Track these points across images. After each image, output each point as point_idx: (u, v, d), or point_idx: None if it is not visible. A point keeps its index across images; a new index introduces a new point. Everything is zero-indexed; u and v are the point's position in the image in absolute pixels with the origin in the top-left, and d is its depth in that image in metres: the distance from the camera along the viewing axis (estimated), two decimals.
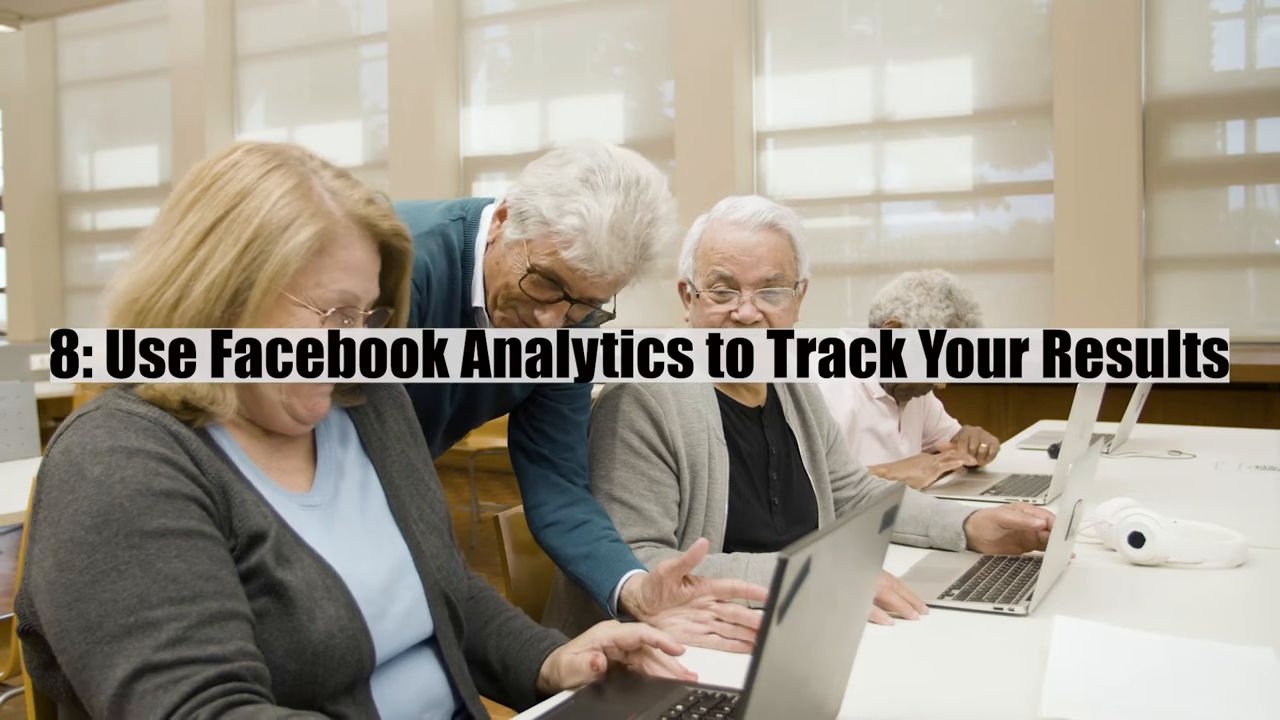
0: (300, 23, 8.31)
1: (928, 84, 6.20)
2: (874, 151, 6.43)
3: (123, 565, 1.06)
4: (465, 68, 7.64)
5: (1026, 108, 5.93)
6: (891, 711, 1.29)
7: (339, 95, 8.19)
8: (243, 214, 1.18)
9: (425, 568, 1.34)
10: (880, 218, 6.45)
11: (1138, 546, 1.89)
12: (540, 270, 1.58)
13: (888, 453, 2.86)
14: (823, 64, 6.48)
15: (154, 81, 8.98)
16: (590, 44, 7.22)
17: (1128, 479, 2.72)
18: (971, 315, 2.83)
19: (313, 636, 1.16)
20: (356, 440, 1.39)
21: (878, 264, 6.36)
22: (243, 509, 1.17)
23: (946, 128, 6.19)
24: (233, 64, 8.63)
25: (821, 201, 6.56)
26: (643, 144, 7.02)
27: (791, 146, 6.65)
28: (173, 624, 1.05)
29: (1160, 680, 1.29)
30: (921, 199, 6.31)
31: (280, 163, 1.23)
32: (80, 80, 9.64)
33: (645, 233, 1.58)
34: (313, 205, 1.21)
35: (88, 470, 1.09)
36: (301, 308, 1.21)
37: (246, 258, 1.18)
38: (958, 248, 6.17)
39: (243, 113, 8.65)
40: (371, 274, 1.28)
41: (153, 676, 1.03)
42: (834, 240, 6.59)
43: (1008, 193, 6.12)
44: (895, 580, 1.66)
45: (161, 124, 8.90)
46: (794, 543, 0.92)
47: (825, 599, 1.04)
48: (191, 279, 1.17)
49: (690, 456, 1.87)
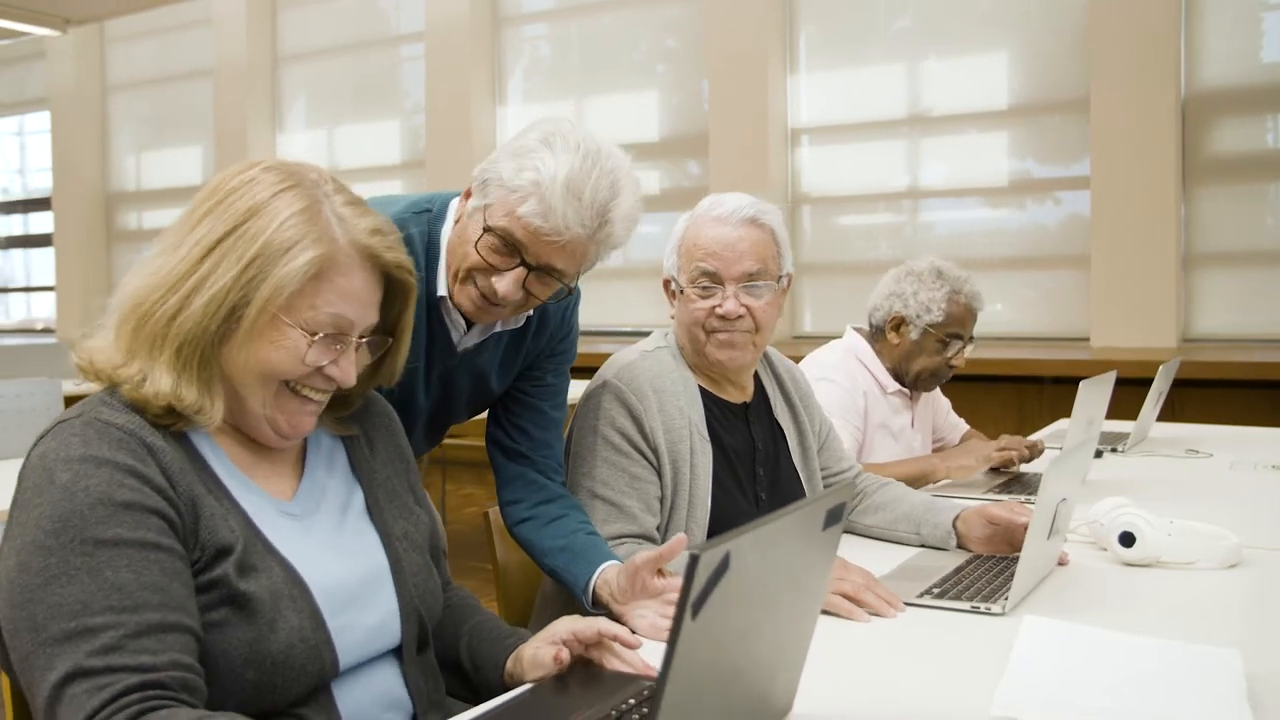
0: (340, 23, 8.40)
1: (963, 79, 6.14)
2: (909, 148, 6.38)
3: (73, 571, 1.10)
4: (502, 66, 7.69)
5: (1063, 102, 5.85)
6: (848, 708, 1.29)
7: (378, 95, 8.27)
8: (249, 231, 1.22)
9: (403, 584, 1.36)
10: (916, 214, 6.40)
11: (1128, 546, 1.87)
12: (497, 231, 1.58)
13: (901, 448, 2.85)
14: (858, 60, 6.44)
15: (198, 83, 9.13)
16: (625, 42, 7.23)
17: (1137, 478, 2.68)
18: (968, 287, 2.83)
19: (272, 646, 1.19)
20: (346, 464, 1.41)
21: None
22: (211, 522, 1.20)
23: (982, 123, 6.12)
24: (274, 65, 8.74)
25: (857, 198, 6.52)
26: (677, 142, 7.02)
27: (826, 143, 6.62)
28: (109, 632, 1.08)
29: (1119, 680, 1.28)
30: (957, 195, 6.25)
31: (294, 184, 1.26)
32: (127, 82, 9.81)
33: (603, 196, 1.57)
34: (318, 230, 1.24)
35: (57, 476, 1.13)
36: (292, 329, 1.24)
37: (246, 276, 1.21)
38: (993, 244, 6.10)
39: (284, 113, 8.77)
40: (369, 302, 1.30)
41: (83, 681, 1.06)
42: (870, 237, 6.56)
43: (1044, 189, 6.05)
44: (871, 578, 1.65)
45: (205, 125, 9.04)
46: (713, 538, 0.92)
47: (755, 595, 1.04)
48: (193, 291, 1.21)
49: (672, 453, 1.87)
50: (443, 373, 1.81)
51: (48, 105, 10.07)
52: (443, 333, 1.76)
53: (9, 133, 11.00)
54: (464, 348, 1.79)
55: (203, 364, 1.22)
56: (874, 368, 2.85)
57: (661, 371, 1.93)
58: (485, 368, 1.84)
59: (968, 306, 2.83)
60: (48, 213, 10.29)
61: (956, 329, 2.81)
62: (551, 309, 1.83)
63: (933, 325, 2.80)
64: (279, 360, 1.24)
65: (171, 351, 1.21)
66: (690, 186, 6.96)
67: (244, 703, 1.18)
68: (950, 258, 5.97)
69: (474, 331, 1.77)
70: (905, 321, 2.82)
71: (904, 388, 2.88)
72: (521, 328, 1.83)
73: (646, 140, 7.12)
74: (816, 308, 6.62)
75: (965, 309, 2.83)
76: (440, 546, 2.18)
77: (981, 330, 2.83)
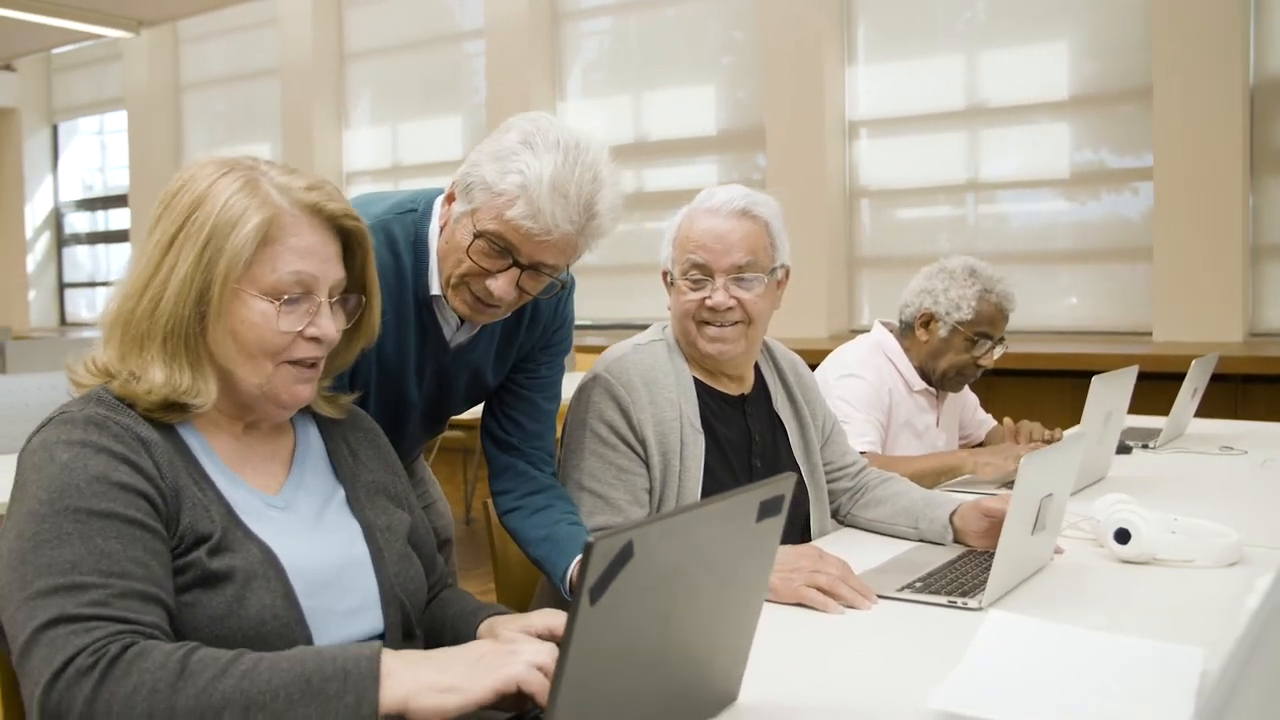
0: (404, 20, 8.51)
1: (1024, 69, 6.02)
2: (969, 139, 6.28)
3: (65, 535, 1.15)
4: (561, 62, 7.73)
5: (1126, 92, 5.71)
6: (795, 698, 1.30)
7: (442, 91, 8.36)
8: (198, 219, 1.28)
9: (384, 571, 1.40)
10: (976, 207, 6.30)
11: (1123, 543, 1.84)
12: (487, 235, 1.60)
13: (923, 446, 2.83)
14: (916, 51, 6.35)
15: (266, 81, 9.32)
16: (682, 36, 7.22)
17: (1161, 475, 2.63)
18: (1000, 287, 2.80)
19: (242, 622, 1.23)
20: (329, 467, 1.46)
21: (974, 254, 6.15)
22: (193, 512, 1.25)
23: (1043, 114, 6.01)
24: (340, 62, 8.89)
25: (915, 191, 6.44)
26: (734, 136, 7.00)
27: (885, 136, 6.54)
28: (97, 589, 1.13)
29: (1071, 676, 1.27)
30: (1017, 188, 6.14)
31: (229, 169, 1.32)
32: (199, 81, 10.05)
33: (588, 191, 1.59)
34: (259, 199, 1.29)
35: (57, 456, 1.20)
36: (257, 299, 1.29)
37: (205, 258, 1.27)
38: (1054, 237, 5.98)
39: (349, 110, 8.91)
40: (327, 256, 1.34)
41: (68, 625, 1.10)
42: (928, 230, 6.47)
43: (1106, 180, 5.91)
44: (847, 570, 1.65)
45: (273, 122, 9.23)
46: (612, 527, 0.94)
47: (671, 583, 1.05)
48: (163, 285, 1.27)
49: (661, 445, 1.88)
50: (436, 369, 1.84)
51: (124, 105, 10.36)
52: (435, 330, 1.79)
53: (90, 132, 11.35)
54: (456, 344, 1.82)
55: (189, 350, 1.28)
56: (901, 365, 2.83)
57: (654, 364, 1.95)
58: (479, 362, 1.87)
59: (999, 306, 2.80)
60: (125, 209, 10.59)
61: (986, 328, 2.78)
62: (544, 302, 1.85)
63: (962, 323, 2.77)
64: (255, 334, 1.29)
65: (158, 345, 1.28)
66: (746, 180, 6.94)
67: None
68: (1011, 250, 5.92)
69: (465, 327, 1.80)
70: (935, 318, 2.80)
71: (930, 386, 2.86)
72: (515, 321, 1.86)
73: (704, 134, 7.12)
74: (875, 302, 6.55)
75: (996, 309, 2.80)
76: (444, 540, 2.23)
77: (1040, 324, 2.79)
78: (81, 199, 11.38)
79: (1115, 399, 2.45)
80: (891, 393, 2.79)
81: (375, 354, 1.75)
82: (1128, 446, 2.94)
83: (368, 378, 1.75)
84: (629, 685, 1.05)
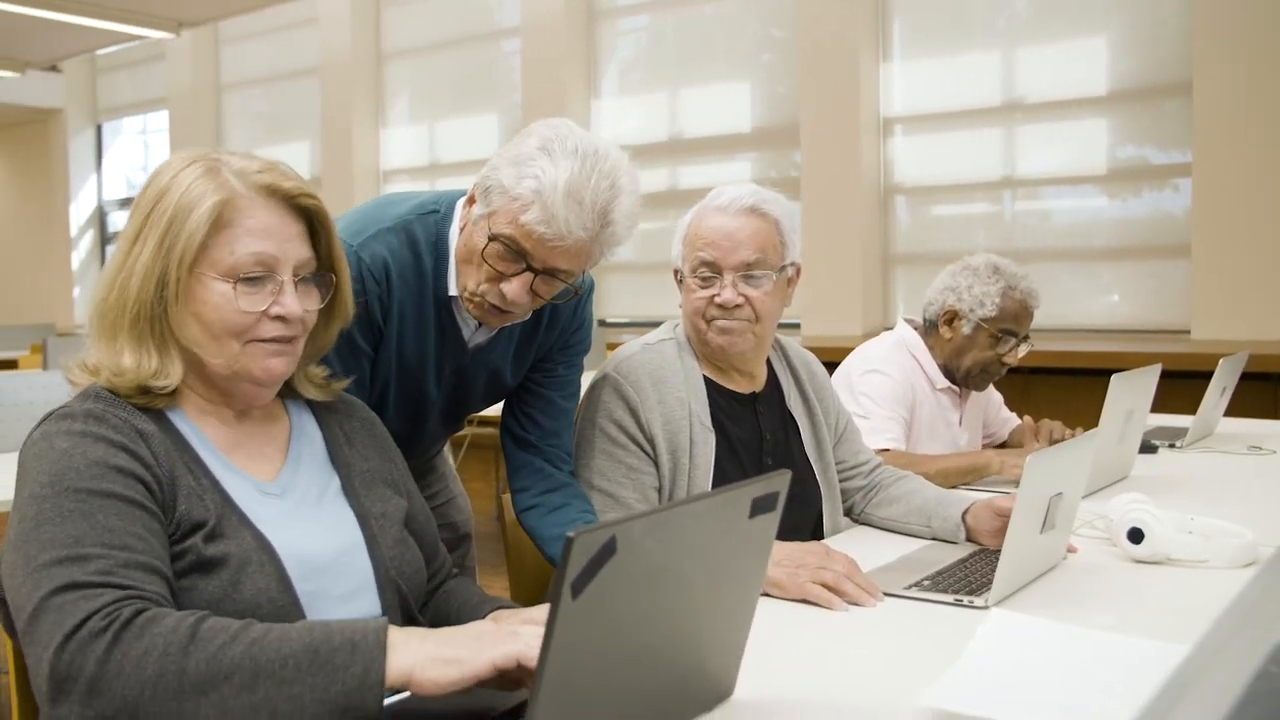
0: (442, 19, 8.57)
1: (1061, 64, 5.96)
2: (1005, 136, 6.23)
3: (66, 513, 1.18)
4: (596, 60, 7.75)
5: (1165, 87, 5.64)
6: (791, 694, 1.30)
7: (479, 89, 8.40)
8: (160, 209, 1.31)
9: (378, 556, 1.42)
10: (1013, 203, 6.25)
11: (1136, 543, 1.82)
12: (502, 239, 1.62)
13: (946, 444, 2.81)
14: (952, 47, 6.31)
15: (305, 81, 9.41)
16: (720, 34, 7.21)
17: (1185, 474, 2.61)
18: (1024, 284, 2.78)
19: (237, 606, 1.25)
20: (325, 456, 1.49)
21: (1011, 251, 6.09)
22: (188, 500, 1.28)
23: (1081, 110, 5.94)
24: (378, 61, 8.96)
25: (952, 188, 6.40)
26: (768, 133, 6.99)
27: (920, 133, 6.50)
28: (102, 560, 1.15)
29: (1069, 675, 1.26)
30: (1054, 184, 6.08)
31: (194, 160, 1.35)
32: (239, 81, 10.17)
33: (603, 199, 1.60)
34: (215, 184, 1.32)
35: (56, 444, 1.24)
36: (215, 280, 1.31)
37: (165, 245, 1.30)
38: (1091, 233, 5.92)
39: (387, 109, 8.98)
40: (287, 235, 1.35)
41: (75, 591, 1.12)
42: (965, 227, 6.42)
43: (1144, 176, 5.84)
44: (853, 567, 1.65)
45: (312, 121, 9.31)
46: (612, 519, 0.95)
47: (659, 579, 1.05)
48: (129, 275, 1.31)
49: (670, 443, 1.89)
50: (455, 368, 1.86)
51: (166, 105, 10.50)
52: (453, 330, 1.81)
53: (134, 131, 11.52)
54: (475, 344, 1.84)
55: (155, 334, 1.32)
56: (924, 362, 2.82)
57: (662, 363, 1.96)
58: (498, 362, 1.88)
59: (1023, 303, 2.78)
60: None
61: (1010, 325, 2.77)
62: (563, 304, 1.86)
63: (986, 320, 2.76)
64: (217, 315, 1.31)
65: (126, 331, 1.31)
66: (782, 178, 6.93)
67: None
68: (1047, 247, 5.85)
69: (484, 328, 1.82)
70: (958, 315, 2.79)
71: (954, 385, 2.85)
72: (533, 322, 1.87)
73: (739, 132, 7.11)
74: (910, 299, 6.52)
75: (1020, 306, 2.78)
76: (462, 534, 2.24)
77: (1078, 322, 2.76)
78: (124, 198, 11.53)
79: (1136, 398, 2.43)
80: (915, 390, 2.78)
81: (396, 352, 1.77)
82: (1153, 446, 2.91)
83: (388, 375, 1.78)
84: (615, 679, 1.06)
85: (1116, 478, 2.52)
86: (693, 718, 1.22)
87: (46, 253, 11.81)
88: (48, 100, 11.31)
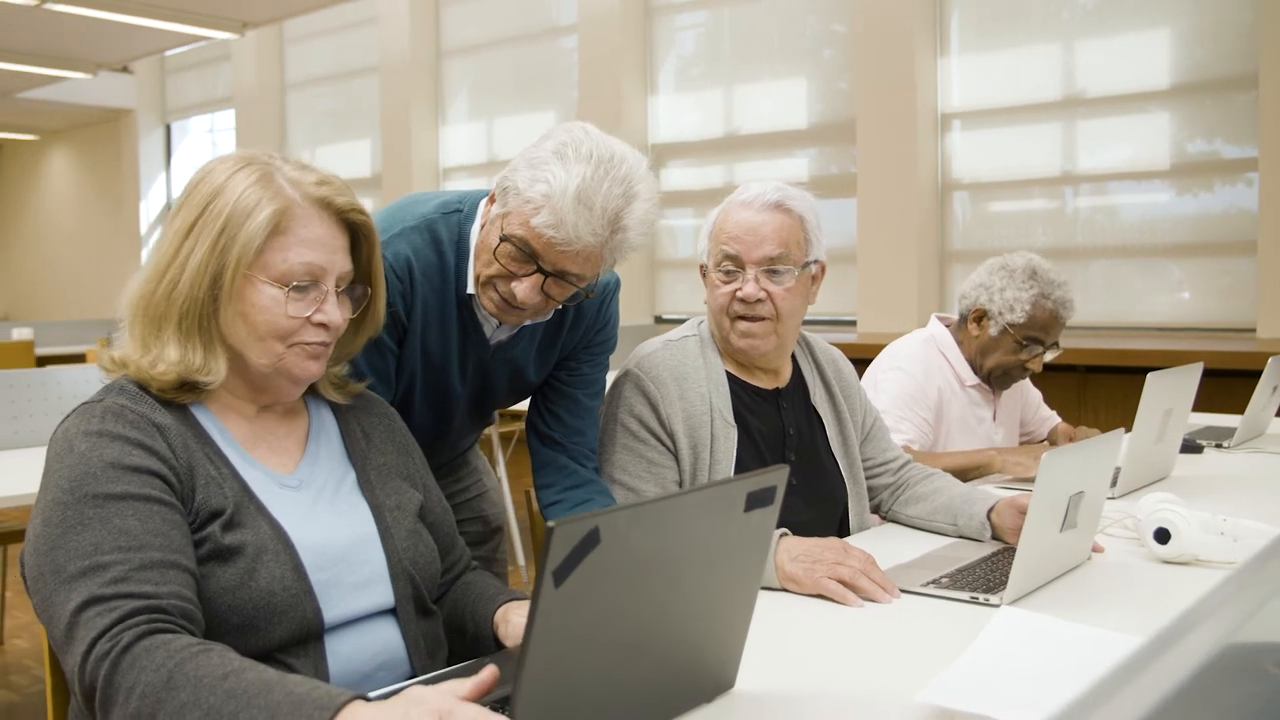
0: (500, 17, 8.64)
1: (1123, 58, 5.85)
2: (1065, 130, 6.13)
3: (87, 520, 1.24)
4: (653, 56, 7.77)
5: (1230, 80, 5.52)
6: (792, 686, 1.30)
7: (537, 86, 8.46)
8: (215, 209, 1.36)
9: (391, 546, 1.46)
10: (1076, 199, 6.15)
11: (1163, 543, 1.80)
12: (513, 240, 1.64)
13: (978, 441, 2.78)
14: (1011, 41, 6.23)
15: (366, 79, 9.55)
16: (777, 30, 7.18)
17: (1228, 474, 2.56)
18: (1058, 293, 2.72)
19: (254, 594, 1.30)
20: (343, 450, 1.53)
21: (1071, 248, 6.06)
22: (206, 489, 1.33)
23: (1143, 104, 5.83)
24: (437, 59, 9.06)
25: (1011, 184, 6.32)
26: (824, 130, 6.95)
27: (979, 128, 6.43)
28: (118, 566, 1.21)
29: (1069, 673, 1.25)
30: (1116, 179, 5.98)
31: (246, 163, 1.40)
32: (302, 80, 10.35)
33: (614, 205, 1.61)
34: (272, 191, 1.37)
35: (76, 446, 1.29)
36: (268, 284, 1.37)
37: (220, 244, 1.35)
38: (1154, 230, 5.81)
39: (446, 106, 9.07)
40: (335, 247, 1.42)
41: (96, 605, 1.19)
42: (1024, 224, 6.34)
43: (1209, 171, 5.72)
44: (870, 563, 1.65)
45: (373, 119, 9.44)
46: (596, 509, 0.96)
47: (647, 571, 1.07)
48: (180, 269, 1.36)
49: (691, 437, 1.91)
50: (478, 364, 1.88)
51: (232, 104, 10.73)
52: (475, 327, 1.84)
53: (203, 130, 11.78)
54: (496, 341, 1.86)
55: (203, 330, 1.37)
56: (954, 359, 2.79)
57: (683, 359, 1.97)
58: (520, 359, 1.91)
59: (1054, 313, 2.73)
60: None
61: (1038, 333, 2.72)
62: (587, 303, 1.88)
63: (1013, 325, 2.72)
64: (265, 318, 1.37)
65: (174, 325, 1.36)
66: (839, 174, 6.89)
67: (230, 645, 1.28)
68: (1109, 244, 5.74)
69: (505, 325, 1.84)
70: (987, 315, 2.75)
71: (984, 381, 2.82)
72: (557, 321, 1.89)
73: (795, 128, 7.08)
74: None
75: (1051, 315, 2.73)
76: (494, 528, 2.27)
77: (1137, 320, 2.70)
78: None
79: (1175, 397, 2.39)
80: (940, 388, 2.75)
81: (421, 349, 1.80)
82: (1199, 445, 2.86)
83: (414, 371, 1.81)
84: (603, 667, 1.07)
85: (1156, 477, 2.48)
86: (691, 708, 1.23)
87: (117, 249, 12.12)
88: (119, 101, 11.62)
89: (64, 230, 13.32)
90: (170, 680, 1.13)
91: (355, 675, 1.40)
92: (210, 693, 1.11)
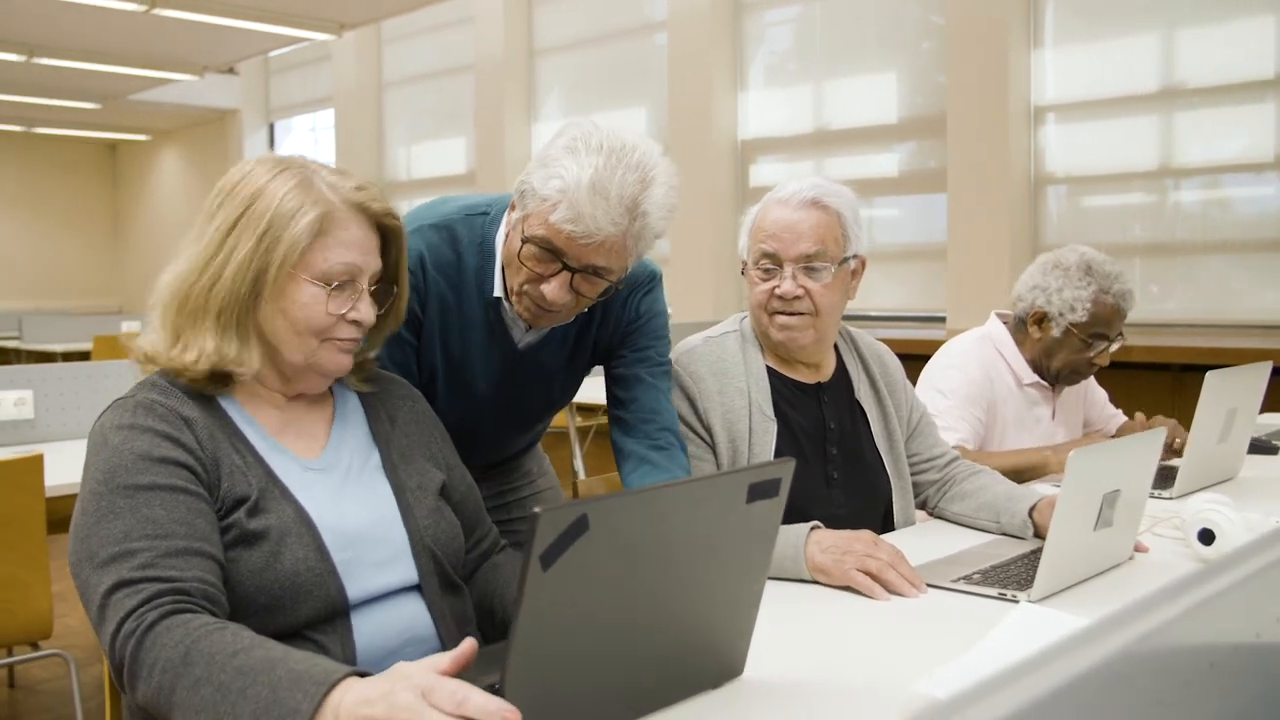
0: (591, 15, 8.71)
1: (1225, 47, 5.66)
2: (1164, 122, 5.96)
3: (118, 509, 1.33)
4: (743, 52, 7.76)
5: None
6: (803, 674, 1.32)
7: (628, 83, 8.52)
8: (257, 210, 1.45)
9: (412, 525, 1.52)
10: (1177, 193, 5.97)
11: (1207, 544, 1.77)
12: (535, 240, 1.66)
13: (1036, 440, 2.74)
14: (1108, 31, 6.07)
15: (460, 78, 9.71)
16: (869, 23, 7.12)
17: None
18: (1117, 286, 2.66)
19: (279, 575, 1.38)
20: (368, 432, 1.60)
21: (1170, 243, 5.90)
22: (231, 477, 1.41)
23: (1246, 94, 5.64)
24: (530, 58, 9.17)
25: (1107, 178, 6.17)
26: (915, 124, 6.88)
27: (1074, 121, 6.29)
28: (145, 553, 1.30)
29: None
30: (1217, 173, 5.79)
31: (285, 167, 1.49)
32: (399, 79, 10.56)
33: (631, 191, 1.62)
34: (314, 196, 1.46)
35: (110, 440, 1.39)
36: (310, 283, 1.46)
37: (264, 244, 1.44)
38: (1258, 225, 5.62)
39: (538, 104, 9.19)
40: (370, 249, 1.51)
41: (125, 588, 1.28)
42: (1121, 219, 6.19)
43: None
44: (899, 557, 1.66)
45: (467, 117, 9.61)
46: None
47: (639, 558, 1.09)
48: (223, 265, 1.44)
49: (729, 432, 1.93)
50: (504, 366, 1.90)
51: (332, 103, 11.01)
52: (502, 331, 1.87)
53: (305, 129, 12.11)
54: (525, 344, 1.89)
55: (240, 324, 1.45)
56: (1011, 358, 2.75)
57: (722, 355, 1.99)
58: (550, 362, 1.92)
59: (1115, 307, 2.67)
60: None
61: (1102, 329, 2.67)
62: (612, 302, 1.88)
63: (1076, 325, 2.66)
64: (305, 314, 1.45)
65: (213, 318, 1.44)
66: (930, 168, 6.81)
67: (261, 625, 1.35)
68: (1212, 239, 5.55)
69: (534, 329, 1.86)
70: (1047, 317, 2.70)
71: (1043, 380, 2.77)
72: (583, 322, 1.90)
73: (885, 123, 7.01)
74: None
75: (1113, 309, 2.67)
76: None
77: (1238, 317, 2.62)
78: None
79: (1240, 396, 2.33)
80: (995, 386, 2.70)
81: (441, 343, 1.84)
82: (1273, 447, 2.78)
83: (434, 365, 1.86)
84: (595, 651, 1.10)
85: (1222, 478, 2.43)
86: (696, 693, 1.25)
87: None
88: (225, 101, 12.04)
89: (175, 227, 13.79)
90: (187, 656, 1.21)
91: (382, 650, 1.45)
92: (221, 669, 1.19)
